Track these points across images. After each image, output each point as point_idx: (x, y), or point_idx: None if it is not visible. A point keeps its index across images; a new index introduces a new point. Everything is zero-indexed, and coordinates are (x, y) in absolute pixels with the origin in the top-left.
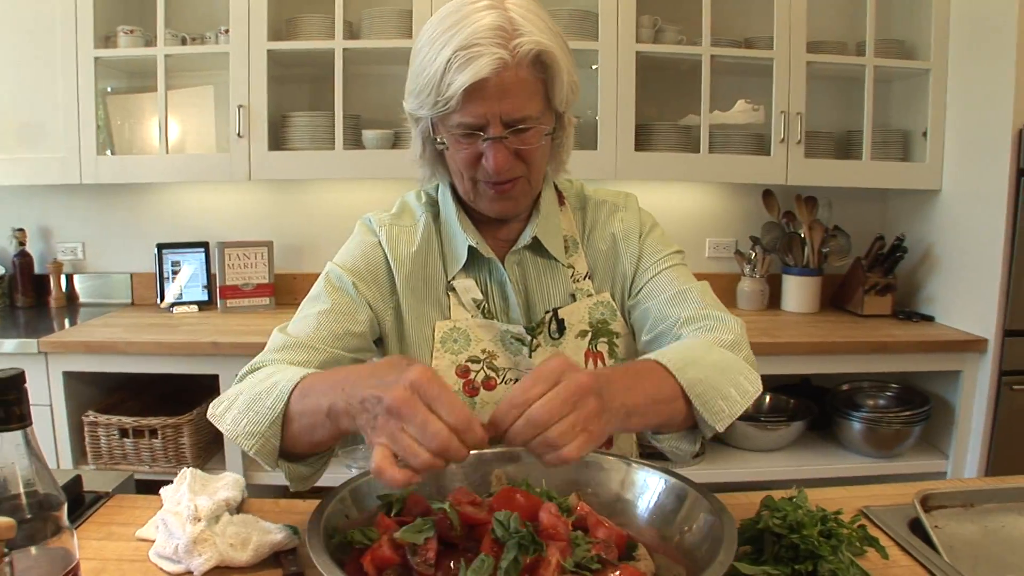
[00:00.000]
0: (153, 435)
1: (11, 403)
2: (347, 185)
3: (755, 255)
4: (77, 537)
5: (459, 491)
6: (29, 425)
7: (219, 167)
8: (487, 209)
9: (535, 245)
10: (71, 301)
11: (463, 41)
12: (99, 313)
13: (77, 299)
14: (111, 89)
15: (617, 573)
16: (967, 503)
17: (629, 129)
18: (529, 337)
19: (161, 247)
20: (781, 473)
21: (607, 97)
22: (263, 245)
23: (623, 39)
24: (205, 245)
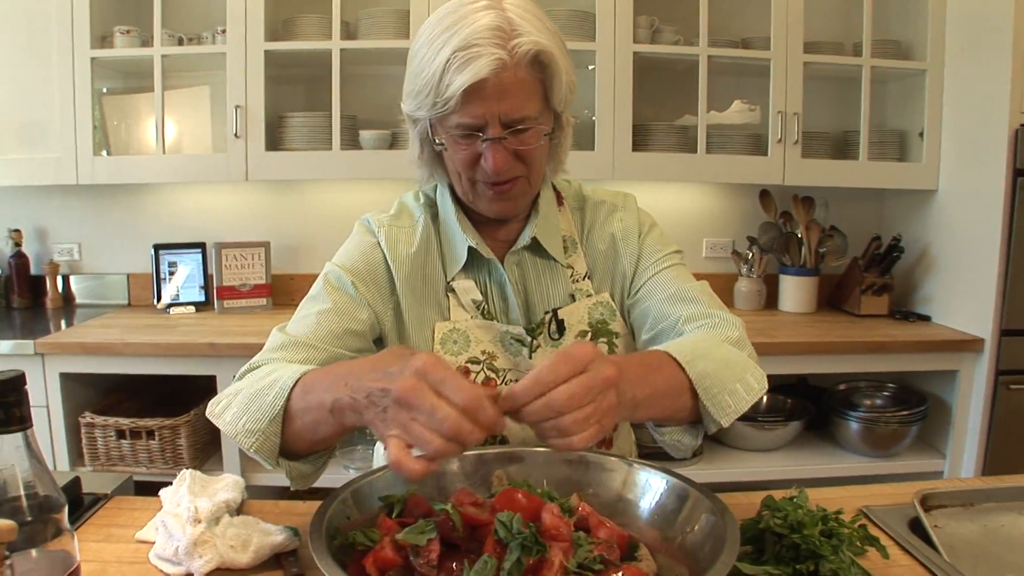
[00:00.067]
0: (150, 436)
1: (11, 405)
2: (344, 185)
3: (752, 255)
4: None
5: (461, 492)
6: (29, 427)
7: (216, 167)
8: (486, 209)
9: (534, 245)
10: (67, 302)
11: (462, 42)
12: (95, 314)
13: (73, 300)
14: (107, 90)
15: (620, 573)
16: (966, 502)
17: (626, 129)
18: (529, 338)
19: (158, 248)
20: (778, 473)
21: (604, 97)
22: (260, 246)
23: (620, 39)
24: (202, 246)
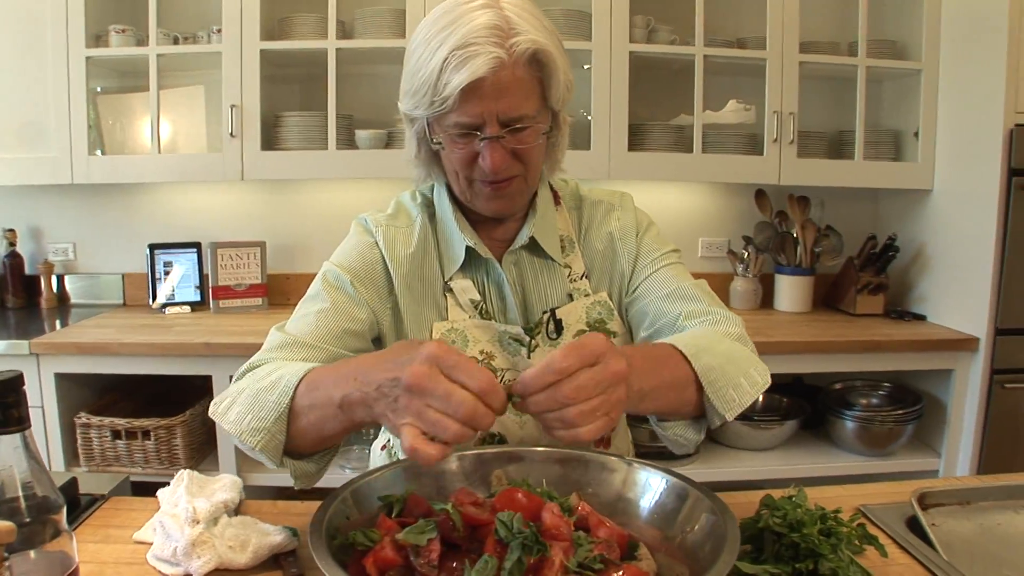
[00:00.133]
0: (146, 436)
1: (9, 405)
2: (340, 185)
3: (748, 255)
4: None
5: (461, 492)
6: (28, 427)
7: (212, 167)
8: (483, 208)
9: (532, 245)
10: (62, 302)
11: (459, 40)
12: (90, 314)
13: (68, 300)
14: (100, 89)
15: (620, 573)
16: (963, 501)
17: (622, 129)
18: (527, 337)
19: (153, 247)
20: (775, 472)
21: (600, 97)
22: (256, 245)
23: (616, 39)
24: (197, 245)
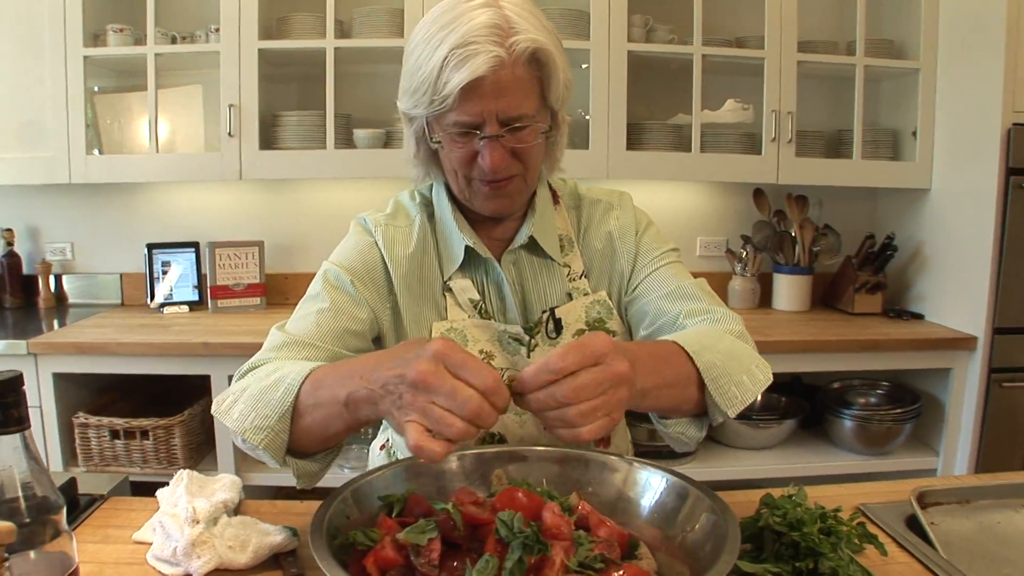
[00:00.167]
0: (144, 436)
1: (9, 405)
2: (338, 184)
3: (746, 254)
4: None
5: (462, 491)
6: (27, 428)
7: (210, 166)
8: (482, 208)
9: (531, 244)
10: (60, 302)
11: (459, 39)
12: (88, 314)
13: (66, 300)
14: (98, 88)
15: (621, 572)
16: (962, 500)
17: (621, 128)
18: (527, 337)
19: (151, 247)
20: (773, 471)
21: (599, 96)
22: (254, 245)
23: (615, 38)
24: (195, 245)
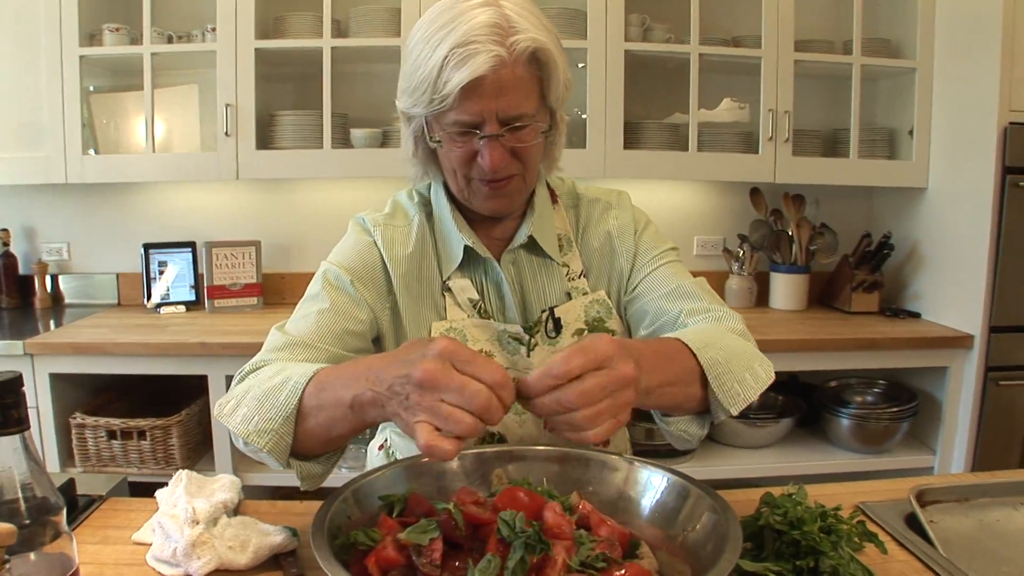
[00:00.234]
0: (142, 436)
1: (8, 406)
2: (335, 184)
3: (743, 253)
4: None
5: (462, 491)
6: (27, 429)
7: (206, 166)
8: (481, 207)
9: (530, 244)
10: (56, 302)
11: (459, 38)
12: (85, 314)
13: (62, 300)
14: (94, 88)
15: (622, 571)
16: (961, 498)
17: (618, 127)
18: (526, 336)
19: (147, 247)
20: (770, 470)
21: (596, 95)
22: (251, 245)
23: (612, 38)
24: (192, 245)
